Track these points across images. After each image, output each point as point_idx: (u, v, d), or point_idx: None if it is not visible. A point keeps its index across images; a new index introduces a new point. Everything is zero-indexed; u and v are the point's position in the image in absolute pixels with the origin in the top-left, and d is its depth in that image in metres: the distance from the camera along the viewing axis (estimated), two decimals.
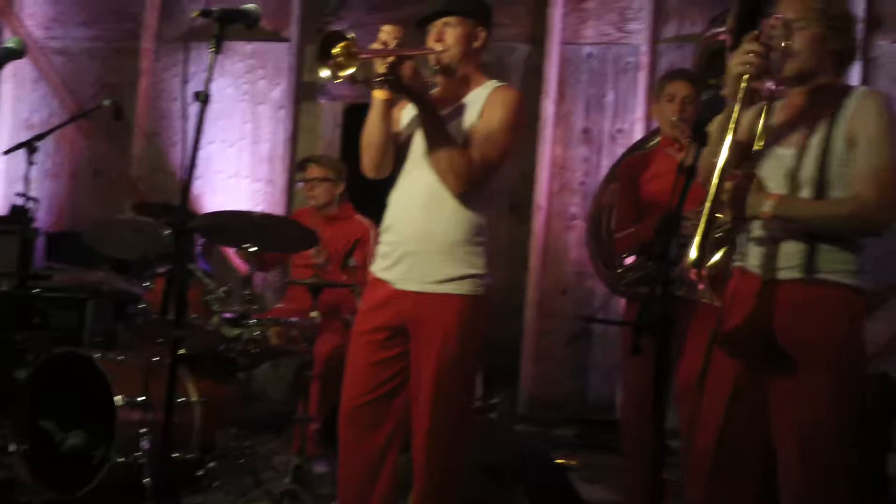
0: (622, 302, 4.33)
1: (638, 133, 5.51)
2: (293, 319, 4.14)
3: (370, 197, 3.52)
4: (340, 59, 2.70)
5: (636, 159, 3.96)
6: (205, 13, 2.64)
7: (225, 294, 4.03)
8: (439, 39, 2.99)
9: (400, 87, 2.82)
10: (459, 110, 2.98)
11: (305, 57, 6.11)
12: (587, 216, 5.05)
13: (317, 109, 6.22)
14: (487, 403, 5.04)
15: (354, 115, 6.08)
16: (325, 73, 2.70)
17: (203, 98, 2.52)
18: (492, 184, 2.93)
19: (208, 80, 2.57)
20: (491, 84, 3.01)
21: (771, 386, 2.42)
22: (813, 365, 2.37)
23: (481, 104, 2.95)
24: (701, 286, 2.09)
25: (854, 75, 5.07)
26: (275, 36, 6.24)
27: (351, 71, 2.68)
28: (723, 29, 4.53)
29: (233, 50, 6.30)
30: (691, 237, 2.14)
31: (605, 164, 5.61)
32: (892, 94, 5.01)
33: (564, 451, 4.84)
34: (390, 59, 2.78)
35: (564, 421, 5.57)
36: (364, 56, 2.74)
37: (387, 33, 2.83)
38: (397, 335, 2.92)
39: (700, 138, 2.15)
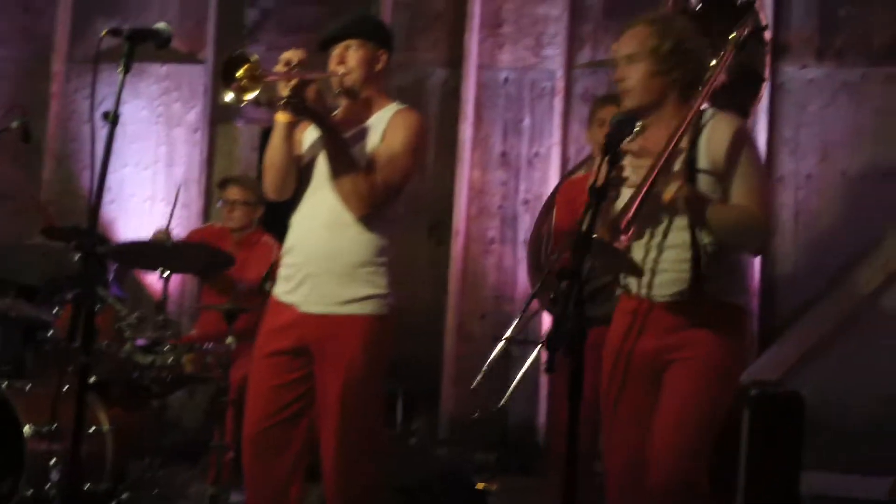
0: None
1: (555, 157, 5.57)
2: (208, 345, 4.08)
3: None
4: (244, 82, 2.71)
5: (572, 184, 4.02)
6: (113, 32, 2.60)
7: (137, 320, 3.96)
8: (341, 62, 3.02)
9: (303, 110, 2.84)
10: (362, 133, 3.01)
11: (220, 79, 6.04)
12: (527, 246, 5.08)
13: (234, 132, 6.16)
14: (408, 428, 5.02)
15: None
16: (228, 96, 2.72)
17: (111, 118, 2.48)
18: (395, 205, 2.97)
19: (117, 101, 2.53)
20: (393, 107, 3.05)
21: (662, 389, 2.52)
22: (692, 374, 2.47)
23: (383, 127, 2.99)
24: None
25: (762, 101, 5.23)
26: (190, 58, 6.17)
27: (255, 94, 2.69)
28: None
29: (147, 72, 6.21)
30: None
31: (524, 188, 5.66)
32: (800, 120, 5.27)
33: (485, 475, 4.83)
34: (293, 81, 2.80)
35: (485, 444, 5.56)
36: (268, 79, 2.75)
37: (290, 56, 2.85)
38: (301, 357, 2.92)
39: (613, 158, 2.18)
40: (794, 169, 5.27)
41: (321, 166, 2.95)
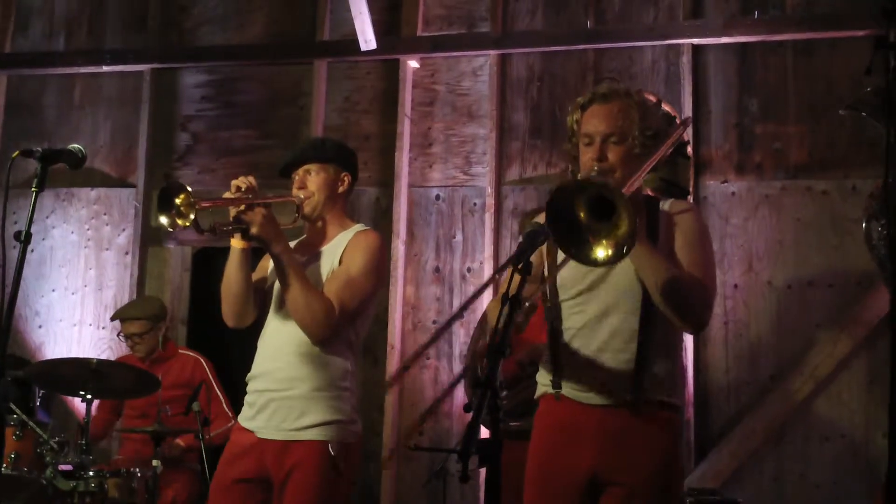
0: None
1: (487, 272, 5.61)
2: (134, 470, 3.96)
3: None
4: (182, 208, 2.72)
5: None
6: (25, 153, 2.60)
7: (59, 445, 3.84)
8: (301, 187, 3.04)
9: (249, 236, 2.83)
10: (321, 255, 3.00)
11: (152, 202, 6.05)
12: (463, 367, 5.07)
13: (164, 254, 6.13)
14: None
15: (203, 259, 6.01)
16: (164, 219, 2.73)
17: (22, 238, 2.45)
18: (357, 328, 2.94)
19: (29, 221, 2.51)
20: (354, 228, 3.05)
21: None
22: (640, 488, 2.40)
23: (342, 249, 2.97)
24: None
25: None
26: (120, 182, 6.18)
27: (188, 221, 2.70)
28: None
29: (77, 196, 6.22)
30: None
31: (457, 302, 5.67)
32: (724, 231, 5.39)
33: None
34: (241, 207, 2.81)
35: None
36: (205, 206, 2.76)
37: (240, 182, 2.87)
38: (260, 484, 2.84)
39: (524, 269, 2.19)
40: (721, 280, 5.36)
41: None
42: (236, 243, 2.90)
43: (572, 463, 2.45)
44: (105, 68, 6.34)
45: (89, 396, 3.81)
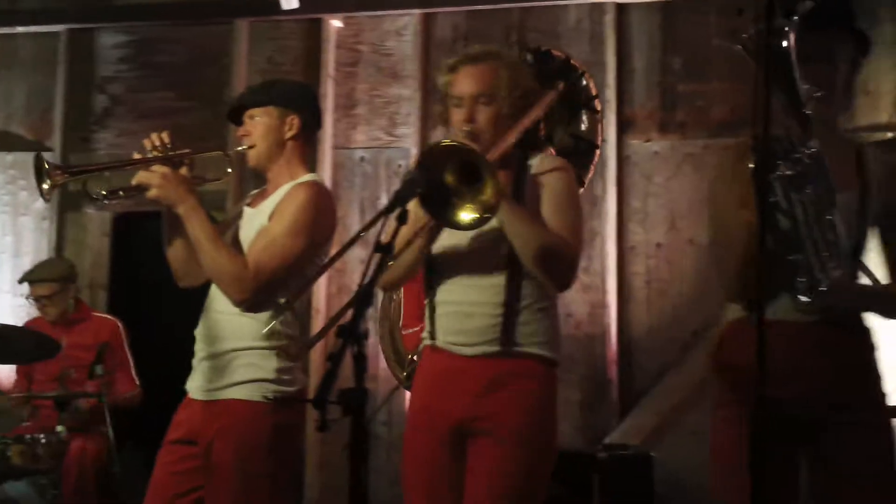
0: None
1: None
2: (38, 436, 3.88)
3: None
4: (57, 176, 2.70)
5: None
6: None
7: None
8: (245, 134, 2.89)
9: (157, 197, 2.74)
10: (259, 212, 2.87)
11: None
12: (378, 323, 5.02)
13: (83, 219, 6.00)
14: None
15: (124, 224, 5.91)
16: (45, 185, 2.68)
17: None
18: (289, 288, 2.77)
19: None
20: (293, 182, 2.86)
21: (467, 464, 2.43)
22: (506, 439, 2.41)
23: (276, 204, 2.83)
24: None
25: (610, 172, 5.35)
26: (37, 145, 6.02)
27: (59, 184, 2.67)
28: None
29: None
30: None
31: None
32: (647, 190, 5.40)
33: None
34: (155, 166, 2.74)
35: None
36: (77, 172, 2.79)
37: (153, 139, 2.79)
38: (193, 446, 2.77)
39: (400, 217, 2.15)
40: (643, 238, 5.37)
41: None
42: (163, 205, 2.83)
43: (444, 410, 2.48)
44: (20, 29, 6.17)
45: None
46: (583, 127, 5.30)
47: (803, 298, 2.22)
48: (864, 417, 2.28)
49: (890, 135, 5.05)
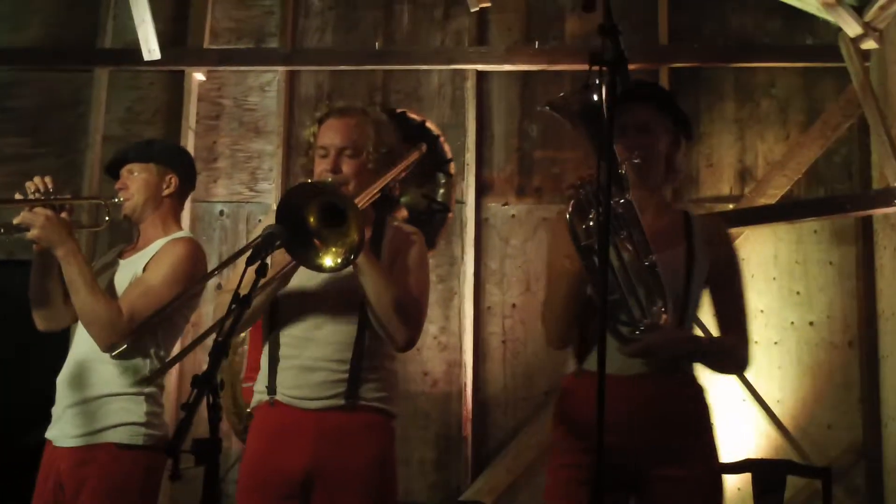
0: None
1: None
2: None
3: None
4: None
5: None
6: None
7: None
8: (122, 188, 3.00)
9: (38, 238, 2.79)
10: (133, 262, 2.96)
11: None
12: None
13: None
14: None
15: None
16: None
17: None
18: (157, 338, 2.88)
19: None
20: (169, 236, 2.98)
21: None
22: (351, 492, 2.44)
23: (150, 257, 2.92)
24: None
25: (468, 234, 5.47)
26: None
27: None
28: None
29: None
30: None
31: None
32: (504, 252, 5.54)
33: None
34: (37, 208, 2.79)
35: None
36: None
37: (35, 182, 2.83)
38: (62, 493, 2.75)
39: (260, 270, 2.17)
40: (500, 299, 5.50)
41: None
42: (36, 247, 2.86)
43: (287, 464, 2.50)
44: None
45: None
46: (439, 190, 5.43)
47: (623, 332, 2.32)
48: (690, 471, 2.39)
49: (731, 206, 5.35)
